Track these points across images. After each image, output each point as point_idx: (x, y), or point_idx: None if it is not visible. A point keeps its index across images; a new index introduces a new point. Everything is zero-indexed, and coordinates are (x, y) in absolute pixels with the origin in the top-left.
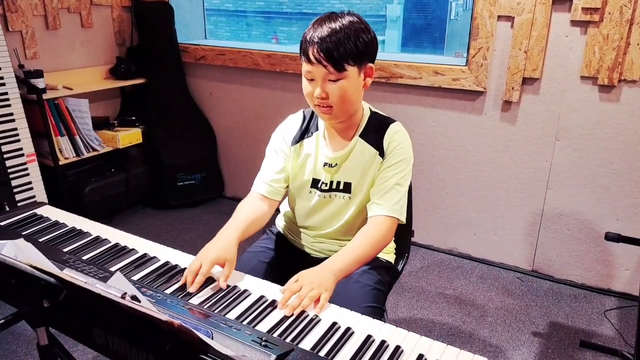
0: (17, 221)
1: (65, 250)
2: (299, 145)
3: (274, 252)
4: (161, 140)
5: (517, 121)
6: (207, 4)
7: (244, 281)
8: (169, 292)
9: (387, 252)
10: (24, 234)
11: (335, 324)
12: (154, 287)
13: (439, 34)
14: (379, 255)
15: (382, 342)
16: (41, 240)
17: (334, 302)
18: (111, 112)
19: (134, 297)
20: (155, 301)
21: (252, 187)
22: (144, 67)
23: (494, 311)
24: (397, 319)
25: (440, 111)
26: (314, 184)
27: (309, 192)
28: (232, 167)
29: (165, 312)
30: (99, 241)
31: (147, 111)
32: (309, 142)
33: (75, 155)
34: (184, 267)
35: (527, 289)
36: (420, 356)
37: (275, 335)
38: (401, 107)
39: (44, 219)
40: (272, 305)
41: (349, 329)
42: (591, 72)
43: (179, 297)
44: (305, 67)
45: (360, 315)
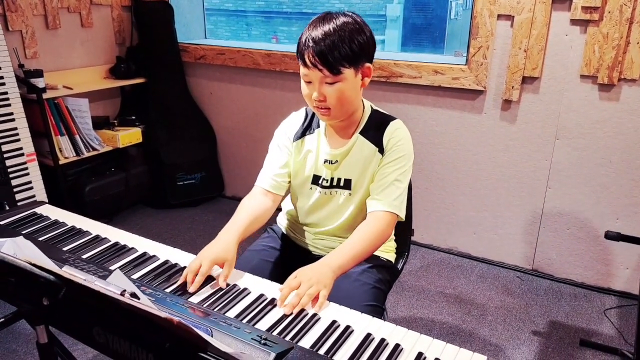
0: (17, 220)
1: (65, 249)
2: (300, 141)
3: (275, 250)
4: (161, 139)
5: (517, 120)
6: (207, 4)
7: (244, 280)
8: (168, 290)
9: (387, 251)
10: (24, 232)
11: (334, 322)
12: (154, 285)
13: (439, 34)
14: (379, 254)
15: (382, 340)
16: (41, 239)
17: (333, 301)
18: (111, 111)
19: (133, 295)
20: (155, 300)
21: (256, 182)
22: (143, 67)
23: (494, 310)
24: (397, 318)
25: (440, 110)
26: (315, 180)
27: (310, 188)
28: (232, 166)
29: (164, 310)
30: (99, 240)
31: (147, 111)
32: (310, 139)
33: (75, 154)
34: (184, 266)
35: (527, 288)
36: (419, 354)
37: (274, 333)
38: (401, 106)
39: (43, 218)
40: (272, 303)
41: (348, 327)
42: (591, 71)
43: (179, 296)
44: (302, 70)
45: (359, 313)
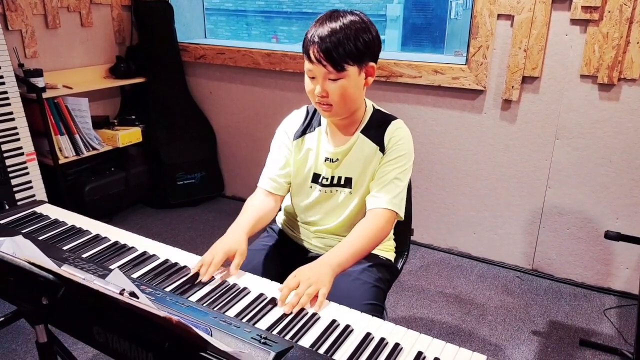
0: (17, 219)
1: (64, 248)
2: (300, 140)
3: (275, 250)
4: (161, 139)
5: (516, 120)
6: (207, 3)
7: (244, 279)
8: (168, 289)
9: (386, 250)
10: (24, 232)
11: (334, 322)
12: (154, 284)
13: (439, 33)
14: (378, 253)
15: (382, 339)
16: (41, 238)
17: (333, 299)
18: (111, 111)
19: (132, 294)
20: (154, 299)
21: (258, 184)
22: (143, 66)
23: (494, 310)
24: (396, 317)
25: (440, 110)
26: (315, 178)
27: (310, 187)
28: (232, 166)
29: (164, 309)
30: (99, 239)
31: (147, 110)
32: (310, 137)
33: (75, 154)
34: (184, 265)
35: (527, 287)
36: (419, 353)
37: (274, 332)
38: (401, 106)
39: (43, 217)
40: (272, 302)
41: (348, 327)
42: (591, 71)
43: (179, 295)
44: (306, 65)
45: (359, 312)
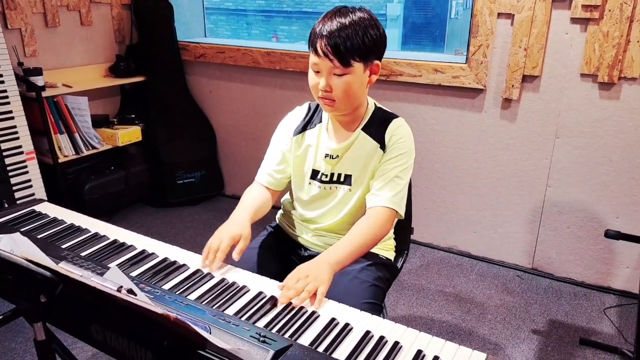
0: (16, 218)
1: (63, 246)
2: (300, 136)
3: (274, 248)
4: (161, 138)
5: (517, 119)
6: (207, 3)
7: (243, 277)
8: (167, 288)
9: (386, 249)
10: (22, 230)
11: (334, 320)
12: (152, 283)
13: (439, 33)
14: (378, 252)
15: (381, 337)
16: (40, 236)
17: (332, 298)
18: (111, 110)
19: (130, 291)
20: (153, 297)
21: (256, 177)
22: (143, 65)
23: (494, 309)
24: (396, 316)
25: (440, 109)
26: (314, 175)
27: (309, 183)
28: (231, 165)
29: (162, 307)
30: (98, 237)
31: (146, 109)
32: (311, 134)
33: (74, 153)
34: (183, 263)
35: (527, 286)
36: (419, 352)
37: (273, 330)
38: (401, 104)
39: (42, 215)
40: (271, 300)
41: (347, 325)
42: (591, 70)
43: (177, 293)
44: (312, 59)
45: (359, 311)
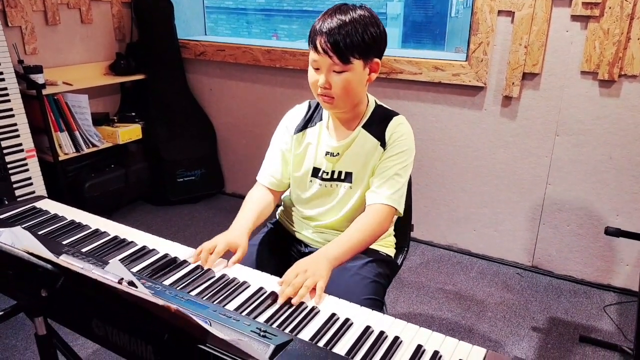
0: (16, 214)
1: (64, 242)
2: (301, 134)
3: (275, 244)
4: (161, 136)
5: (517, 116)
6: (207, 1)
7: (243, 273)
8: (167, 283)
9: (386, 246)
10: (23, 226)
11: (334, 315)
12: (153, 279)
13: (439, 31)
14: (378, 248)
15: (381, 332)
16: (40, 233)
17: (333, 294)
18: (111, 108)
19: (131, 283)
20: (154, 292)
21: (257, 178)
22: (143, 63)
23: (494, 306)
24: (396, 314)
25: (440, 107)
26: (315, 173)
27: (310, 181)
28: (232, 163)
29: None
30: (98, 234)
31: (146, 107)
32: (311, 132)
33: (75, 150)
34: (183, 259)
35: (527, 284)
36: (418, 347)
37: (274, 325)
38: (401, 102)
39: (43, 212)
40: (271, 296)
41: (347, 320)
42: (591, 67)
43: (178, 289)
44: (312, 55)
45: (359, 306)
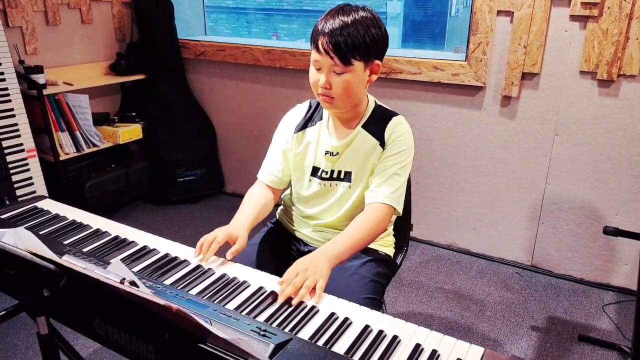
0: (18, 214)
1: (65, 242)
2: (301, 133)
3: (274, 243)
4: (161, 136)
5: (516, 116)
6: (207, 1)
7: (243, 272)
8: (168, 283)
9: (386, 245)
10: (25, 226)
11: (333, 314)
12: (154, 278)
13: (439, 31)
14: (377, 248)
15: (380, 331)
16: (42, 233)
17: (332, 293)
18: (111, 108)
19: (133, 283)
20: (154, 292)
21: (258, 175)
22: (144, 63)
23: (493, 306)
24: (396, 313)
25: (439, 106)
26: (314, 172)
27: (309, 180)
28: (232, 163)
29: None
30: (99, 234)
31: (147, 107)
32: (311, 131)
33: (75, 150)
34: (184, 259)
35: (526, 283)
36: (417, 345)
37: (274, 325)
38: (400, 102)
39: (44, 212)
40: (271, 295)
41: (347, 319)
42: (590, 67)
43: (179, 288)
44: (313, 55)
45: (358, 306)
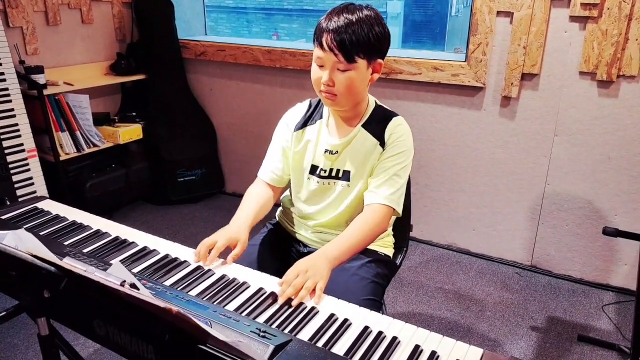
0: (18, 215)
1: (66, 243)
2: (301, 131)
3: (274, 244)
4: (161, 136)
5: (516, 117)
6: (208, 1)
7: (243, 273)
8: (168, 284)
9: (385, 246)
10: (25, 227)
11: (333, 316)
12: (154, 279)
13: (439, 31)
14: (377, 249)
15: (379, 332)
16: (42, 233)
17: (332, 294)
18: (112, 108)
19: (133, 285)
20: (154, 293)
21: (258, 173)
22: (144, 63)
23: (493, 306)
24: (395, 313)
25: (439, 107)
26: (313, 170)
27: (307, 178)
28: (232, 162)
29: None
30: (99, 235)
31: (147, 107)
32: (311, 129)
33: (76, 150)
34: (184, 259)
35: (526, 283)
36: (416, 347)
37: (274, 326)
38: (400, 102)
39: (44, 212)
40: (271, 297)
41: (346, 320)
42: (590, 68)
43: (179, 289)
44: (316, 52)
45: (357, 307)
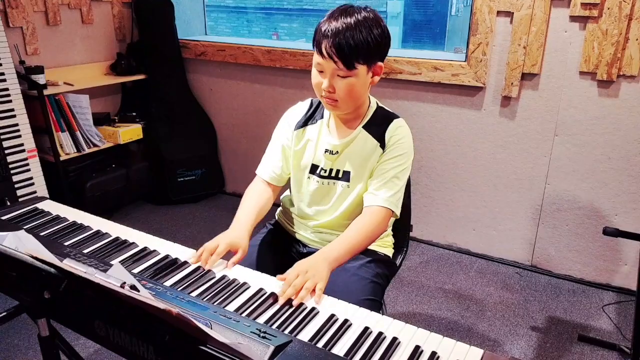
0: (18, 215)
1: (66, 244)
2: (301, 130)
3: (274, 245)
4: (162, 136)
5: (516, 116)
6: (208, 0)
7: (243, 274)
8: (168, 285)
9: (385, 246)
10: (25, 228)
11: (333, 316)
12: (154, 280)
13: (439, 30)
14: (377, 249)
15: (380, 333)
16: (42, 234)
17: (332, 294)
18: (112, 108)
19: (133, 287)
20: (155, 293)
21: (257, 171)
22: (144, 63)
23: (493, 306)
24: (396, 313)
25: (439, 107)
26: (313, 169)
27: (307, 177)
28: (232, 162)
29: (164, 304)
30: (100, 235)
31: (147, 107)
32: (312, 129)
33: (76, 150)
34: (184, 260)
35: (526, 283)
36: (416, 347)
37: (274, 326)
38: (400, 102)
39: (45, 213)
40: (271, 297)
41: (346, 321)
42: (590, 68)
43: (179, 290)
44: (316, 58)
45: (357, 307)
